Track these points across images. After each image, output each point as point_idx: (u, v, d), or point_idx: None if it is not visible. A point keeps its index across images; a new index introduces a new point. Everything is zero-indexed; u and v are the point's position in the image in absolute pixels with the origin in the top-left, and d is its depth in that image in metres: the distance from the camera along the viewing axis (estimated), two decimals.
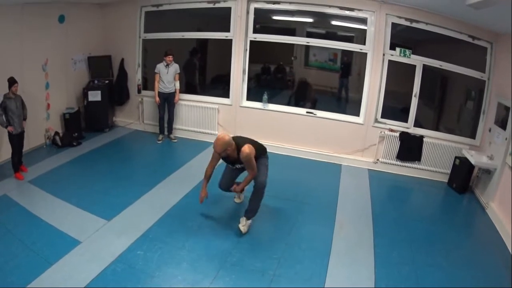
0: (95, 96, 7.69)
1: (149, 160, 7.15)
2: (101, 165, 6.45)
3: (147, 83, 8.31)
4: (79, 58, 7.74)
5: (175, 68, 7.41)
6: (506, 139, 5.50)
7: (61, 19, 7.05)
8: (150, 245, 4.21)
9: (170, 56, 7.27)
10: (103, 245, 4.14)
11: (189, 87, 8.51)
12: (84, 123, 7.91)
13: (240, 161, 4.47)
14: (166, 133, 7.87)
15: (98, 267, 3.76)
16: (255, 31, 7.36)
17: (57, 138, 7.03)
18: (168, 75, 7.33)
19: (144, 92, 8.25)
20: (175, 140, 7.82)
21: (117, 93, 8.20)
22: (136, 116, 8.43)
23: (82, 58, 7.83)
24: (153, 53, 8.15)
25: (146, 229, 4.50)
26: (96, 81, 7.90)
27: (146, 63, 8.26)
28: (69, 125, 7.43)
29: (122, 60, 8.14)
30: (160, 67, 7.34)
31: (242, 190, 5.12)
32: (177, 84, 7.51)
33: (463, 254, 4.67)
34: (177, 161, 6.77)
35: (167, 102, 7.56)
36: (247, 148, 4.33)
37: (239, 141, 4.46)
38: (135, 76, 8.22)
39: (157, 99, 7.45)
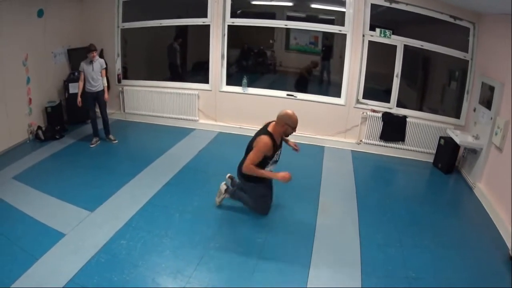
0: (76, 88, 7.55)
1: (131, 150, 7.12)
2: (84, 157, 6.44)
3: (127, 72, 8.28)
4: (59, 51, 7.64)
5: (100, 63, 6.80)
6: (491, 118, 5.48)
7: (40, 13, 6.93)
8: (132, 234, 4.21)
9: (94, 52, 6.64)
10: (87, 236, 4.14)
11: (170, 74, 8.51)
12: (66, 115, 7.85)
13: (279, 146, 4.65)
14: (104, 136, 7.29)
15: (82, 259, 3.76)
16: (233, 15, 7.30)
17: (40, 132, 6.99)
18: (93, 72, 6.68)
19: (124, 82, 8.20)
20: (116, 141, 7.19)
21: None
22: (117, 106, 8.37)
23: (62, 51, 7.73)
24: (133, 42, 8.11)
25: (129, 219, 4.51)
26: (76, 73, 7.73)
27: (126, 52, 8.19)
28: (51, 119, 7.36)
29: (102, 50, 8.02)
30: (83, 65, 6.68)
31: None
32: (104, 80, 6.95)
33: (451, 234, 4.63)
34: (157, 150, 6.72)
35: (97, 102, 6.99)
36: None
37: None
38: (115, 66, 8.16)
39: (79, 99, 6.78)
